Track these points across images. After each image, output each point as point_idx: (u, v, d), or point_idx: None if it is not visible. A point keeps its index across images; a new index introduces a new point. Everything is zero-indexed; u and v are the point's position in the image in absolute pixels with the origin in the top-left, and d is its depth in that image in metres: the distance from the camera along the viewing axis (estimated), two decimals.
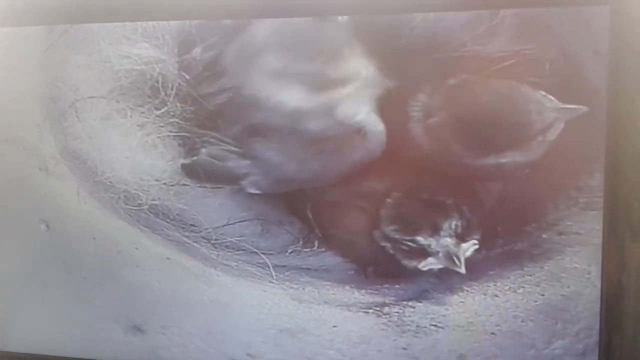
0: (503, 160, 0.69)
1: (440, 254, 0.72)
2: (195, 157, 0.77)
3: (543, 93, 0.67)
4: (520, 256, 0.70)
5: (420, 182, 0.72)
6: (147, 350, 0.83)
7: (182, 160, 0.78)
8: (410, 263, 0.73)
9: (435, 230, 0.72)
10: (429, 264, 0.72)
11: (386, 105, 0.71)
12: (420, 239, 0.72)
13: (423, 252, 0.72)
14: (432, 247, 0.72)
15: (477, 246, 0.71)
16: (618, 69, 0.66)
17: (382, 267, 0.74)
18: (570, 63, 0.67)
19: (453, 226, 0.71)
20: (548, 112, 0.67)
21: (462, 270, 0.71)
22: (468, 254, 0.71)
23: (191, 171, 0.78)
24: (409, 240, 0.72)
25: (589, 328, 0.70)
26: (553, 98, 0.67)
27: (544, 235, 0.70)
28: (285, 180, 0.75)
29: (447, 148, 0.70)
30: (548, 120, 0.67)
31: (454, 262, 0.71)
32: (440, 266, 0.72)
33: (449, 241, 0.71)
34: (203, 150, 0.77)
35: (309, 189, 0.75)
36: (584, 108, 0.67)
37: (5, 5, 0.82)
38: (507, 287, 0.71)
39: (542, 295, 0.71)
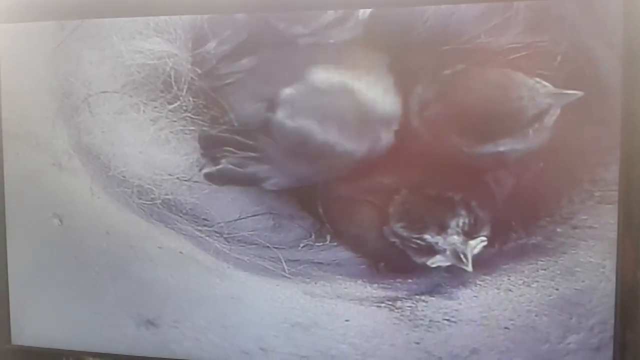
0: (508, 149, 0.69)
1: (448, 252, 0.71)
2: (218, 167, 0.77)
3: (537, 79, 0.67)
4: (534, 250, 0.70)
5: (429, 178, 0.72)
6: (160, 345, 0.83)
7: (205, 170, 0.78)
8: (420, 259, 0.73)
9: (442, 228, 0.71)
10: (437, 261, 0.72)
11: (398, 98, 0.71)
12: (427, 237, 0.72)
13: (431, 250, 0.72)
14: (439, 244, 0.72)
15: (485, 242, 0.71)
16: (632, 60, 0.66)
17: (393, 262, 0.74)
18: (583, 55, 0.66)
19: (460, 224, 0.71)
20: (542, 98, 0.67)
21: (469, 268, 0.71)
22: (476, 251, 0.71)
23: (215, 179, 0.78)
24: (417, 238, 0.72)
25: (603, 322, 0.70)
26: (547, 84, 0.67)
27: (558, 229, 0.69)
28: (303, 176, 0.75)
29: (456, 140, 0.70)
30: (543, 106, 0.67)
31: (461, 260, 0.71)
32: (448, 263, 0.72)
33: (456, 239, 0.71)
34: (223, 160, 0.77)
35: (319, 184, 0.75)
36: (579, 93, 0.66)
37: (17, 1, 0.82)
38: (521, 282, 0.71)
39: (557, 289, 0.70)
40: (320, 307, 0.77)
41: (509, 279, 0.71)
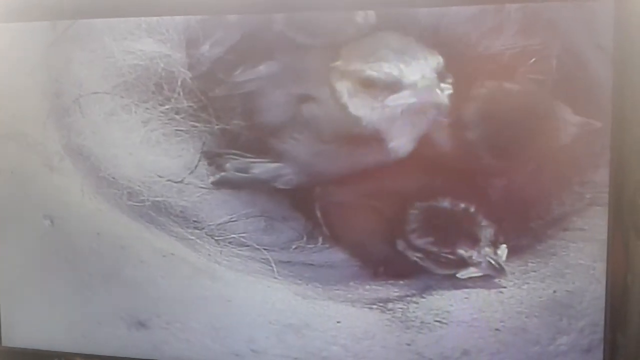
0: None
1: (484, 264, 0.71)
2: (223, 173, 0.77)
3: (568, 109, 0.67)
4: (524, 252, 0.70)
5: (443, 188, 0.71)
6: (151, 346, 0.83)
7: (212, 178, 0.77)
8: (446, 272, 0.72)
9: (475, 241, 0.71)
10: (470, 273, 0.72)
11: None
12: (461, 251, 0.71)
13: (463, 263, 0.72)
14: (473, 258, 0.71)
15: (507, 250, 0.70)
16: (622, 62, 0.66)
17: (396, 268, 0.74)
18: (573, 57, 0.66)
19: (488, 234, 0.70)
20: (570, 127, 0.67)
21: (506, 276, 0.71)
22: (504, 258, 0.71)
23: (222, 185, 0.77)
24: (448, 253, 0.72)
25: (593, 324, 0.70)
26: (571, 112, 0.67)
27: (548, 231, 0.69)
28: (317, 172, 0.74)
29: (471, 152, 0.70)
30: (569, 134, 0.68)
31: (497, 269, 0.71)
32: (481, 274, 0.71)
33: (488, 250, 0.71)
34: (228, 165, 0.76)
35: (317, 188, 0.74)
36: (600, 124, 0.67)
37: (9, 1, 0.82)
38: (511, 283, 0.71)
39: (547, 291, 0.70)
40: (311, 308, 0.77)
41: (499, 281, 0.71)
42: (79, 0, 0.79)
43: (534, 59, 0.67)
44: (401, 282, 0.74)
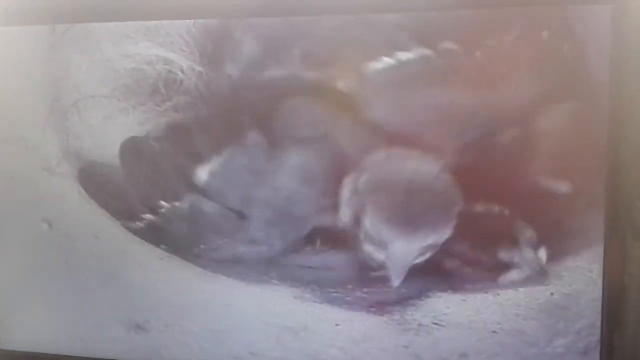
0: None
1: (526, 267, 0.70)
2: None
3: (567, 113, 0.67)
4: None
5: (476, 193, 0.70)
6: (150, 349, 0.83)
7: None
8: (488, 276, 0.71)
9: (514, 243, 0.69)
10: (512, 276, 0.70)
11: None
12: (502, 253, 0.70)
13: (505, 266, 0.70)
14: (515, 260, 0.70)
15: (546, 253, 0.69)
16: (619, 67, 0.66)
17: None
18: (572, 60, 0.67)
19: (528, 235, 0.69)
20: (567, 129, 0.67)
21: (550, 279, 0.70)
22: (544, 261, 0.70)
23: None
24: (490, 257, 0.70)
25: (590, 326, 0.70)
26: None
27: (546, 234, 0.69)
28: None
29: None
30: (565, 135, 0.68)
31: (541, 272, 0.70)
32: (523, 277, 0.70)
33: (528, 252, 0.69)
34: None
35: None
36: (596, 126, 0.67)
37: (7, 4, 0.82)
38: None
39: (544, 293, 0.71)
40: (309, 311, 0.77)
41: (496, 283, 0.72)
42: (77, 4, 0.79)
43: (533, 62, 0.67)
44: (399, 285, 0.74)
